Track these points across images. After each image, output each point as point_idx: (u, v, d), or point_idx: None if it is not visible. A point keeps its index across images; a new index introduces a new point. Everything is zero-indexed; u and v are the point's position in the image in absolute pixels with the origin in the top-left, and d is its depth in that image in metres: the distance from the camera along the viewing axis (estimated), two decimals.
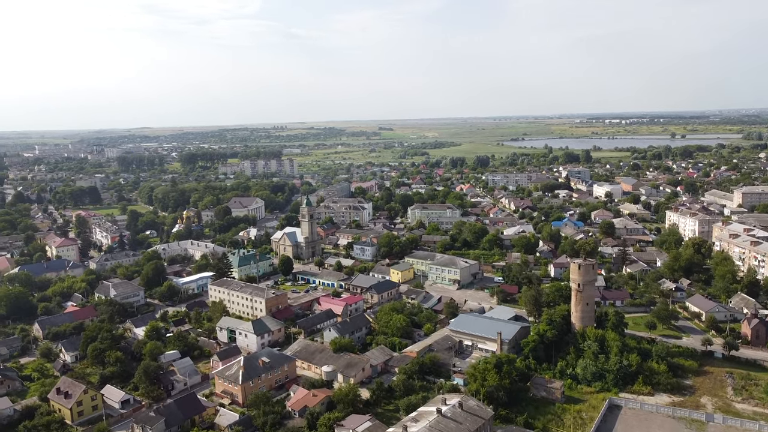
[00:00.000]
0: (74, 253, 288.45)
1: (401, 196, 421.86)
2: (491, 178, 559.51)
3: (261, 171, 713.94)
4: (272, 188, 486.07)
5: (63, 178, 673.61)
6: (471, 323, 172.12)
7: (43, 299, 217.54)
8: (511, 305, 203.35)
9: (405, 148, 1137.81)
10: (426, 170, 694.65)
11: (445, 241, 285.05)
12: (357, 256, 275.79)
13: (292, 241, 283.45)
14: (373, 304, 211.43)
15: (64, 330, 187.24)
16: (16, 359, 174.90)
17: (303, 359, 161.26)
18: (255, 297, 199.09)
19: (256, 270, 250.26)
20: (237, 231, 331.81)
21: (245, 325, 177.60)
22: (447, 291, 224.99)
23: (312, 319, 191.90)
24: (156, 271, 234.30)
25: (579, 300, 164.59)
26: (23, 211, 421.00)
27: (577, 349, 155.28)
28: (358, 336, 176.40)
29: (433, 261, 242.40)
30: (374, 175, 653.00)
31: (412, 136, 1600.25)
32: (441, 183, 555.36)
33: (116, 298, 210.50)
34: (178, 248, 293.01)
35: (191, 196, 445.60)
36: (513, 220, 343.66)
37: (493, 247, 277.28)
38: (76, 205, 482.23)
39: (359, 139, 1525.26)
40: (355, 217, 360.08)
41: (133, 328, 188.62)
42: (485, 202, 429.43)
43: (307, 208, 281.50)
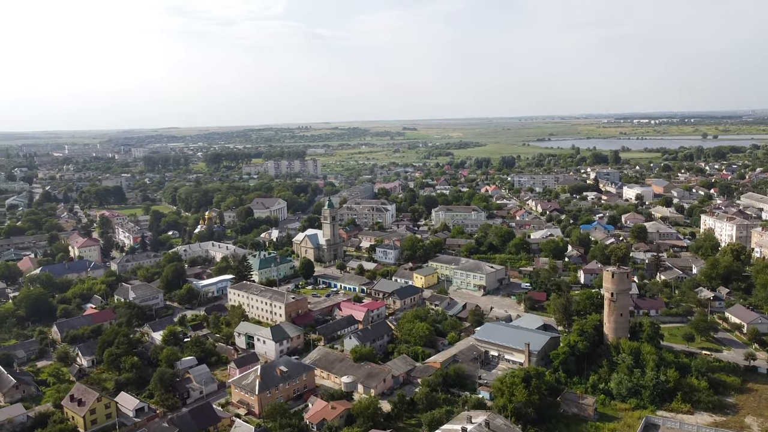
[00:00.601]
0: (96, 253, 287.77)
1: (425, 197, 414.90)
2: (517, 179, 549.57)
3: (284, 171, 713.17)
4: (295, 189, 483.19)
5: (90, 178, 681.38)
6: (497, 332, 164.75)
7: (63, 301, 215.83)
8: (539, 313, 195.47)
9: (429, 148, 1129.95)
10: (450, 171, 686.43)
11: (470, 244, 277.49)
12: (379, 259, 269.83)
13: (313, 243, 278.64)
14: (396, 310, 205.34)
15: (82, 333, 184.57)
16: (33, 362, 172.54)
17: (322, 368, 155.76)
18: (274, 302, 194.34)
19: (277, 273, 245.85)
20: (259, 232, 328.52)
21: (264, 331, 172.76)
22: (472, 297, 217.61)
23: (332, 325, 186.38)
24: (176, 273, 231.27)
25: (612, 310, 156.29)
26: (49, 211, 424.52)
27: (611, 362, 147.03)
28: (380, 344, 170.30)
29: (458, 266, 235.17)
30: (398, 176, 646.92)
31: (437, 136, 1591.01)
32: (466, 184, 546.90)
33: (135, 301, 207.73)
34: (200, 249, 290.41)
35: (214, 196, 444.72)
36: (540, 223, 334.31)
37: (520, 251, 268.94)
38: (102, 204, 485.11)
39: (383, 139, 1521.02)
40: (378, 219, 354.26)
41: (151, 332, 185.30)
42: (511, 204, 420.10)
43: (329, 210, 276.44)
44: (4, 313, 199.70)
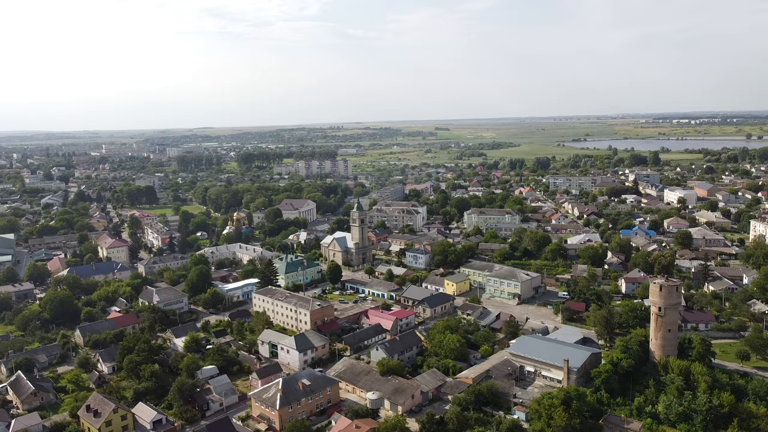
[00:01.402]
0: (124, 254, 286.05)
1: (457, 199, 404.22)
2: (552, 181, 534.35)
3: (315, 171, 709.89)
4: (325, 190, 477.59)
5: (124, 177, 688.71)
6: (534, 346, 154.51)
7: (88, 303, 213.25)
8: (577, 325, 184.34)
9: (462, 148, 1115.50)
10: (483, 172, 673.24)
11: (504, 249, 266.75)
12: (409, 264, 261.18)
13: (342, 246, 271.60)
14: (426, 319, 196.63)
15: (104, 338, 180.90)
16: (54, 368, 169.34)
17: (347, 381, 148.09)
18: (300, 308, 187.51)
19: (303, 277, 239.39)
20: (287, 234, 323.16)
21: (288, 340, 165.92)
22: (506, 306, 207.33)
23: (359, 334, 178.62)
24: (201, 276, 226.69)
25: (660, 326, 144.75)
26: (81, 210, 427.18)
27: (658, 382, 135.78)
28: (408, 356, 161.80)
29: (491, 272, 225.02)
30: (429, 177, 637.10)
31: (469, 136, 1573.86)
32: (499, 186, 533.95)
33: (159, 305, 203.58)
34: (227, 252, 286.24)
35: (244, 196, 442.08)
36: (577, 228, 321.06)
37: (557, 257, 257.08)
38: (133, 204, 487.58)
39: (415, 139, 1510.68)
40: (408, 222, 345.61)
41: (173, 338, 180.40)
42: (546, 207, 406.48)
43: (357, 212, 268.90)
44: (29, 316, 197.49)
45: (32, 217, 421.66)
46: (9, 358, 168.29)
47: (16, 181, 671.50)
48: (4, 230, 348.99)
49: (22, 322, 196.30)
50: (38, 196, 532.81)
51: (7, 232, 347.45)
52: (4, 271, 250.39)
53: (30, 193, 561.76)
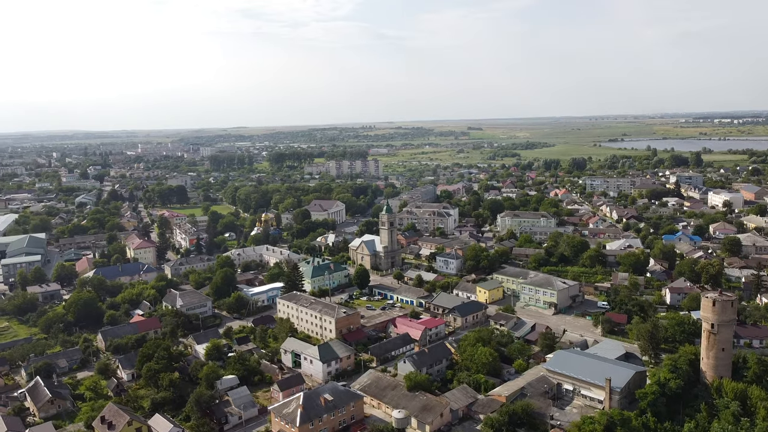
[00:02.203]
0: (151, 255, 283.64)
1: (490, 201, 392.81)
2: (589, 182, 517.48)
3: (346, 171, 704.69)
4: (354, 190, 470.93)
5: (158, 177, 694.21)
6: (572, 362, 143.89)
7: (112, 306, 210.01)
8: (619, 338, 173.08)
9: (495, 148, 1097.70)
10: (517, 173, 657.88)
11: (539, 255, 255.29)
12: (440, 269, 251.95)
13: (370, 250, 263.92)
14: (456, 329, 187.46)
15: (125, 342, 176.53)
16: (74, 373, 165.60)
17: (372, 395, 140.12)
18: (325, 316, 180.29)
19: (330, 282, 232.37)
20: (315, 236, 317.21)
21: (311, 349, 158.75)
22: (542, 316, 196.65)
23: (386, 344, 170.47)
24: (226, 279, 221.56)
25: (713, 344, 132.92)
26: (112, 210, 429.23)
27: (710, 406, 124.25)
28: (437, 369, 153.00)
29: (526, 280, 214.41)
30: (461, 178, 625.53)
31: (502, 136, 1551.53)
32: (533, 187, 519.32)
33: (182, 309, 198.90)
34: (253, 254, 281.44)
35: (273, 197, 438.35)
36: (616, 232, 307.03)
37: (595, 264, 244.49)
38: (164, 204, 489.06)
39: (447, 139, 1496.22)
40: (439, 225, 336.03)
41: (195, 344, 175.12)
42: (583, 210, 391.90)
43: (387, 215, 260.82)
44: (53, 318, 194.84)
45: (65, 216, 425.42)
46: (29, 362, 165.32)
47: (54, 179, 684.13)
48: (37, 229, 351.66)
49: (45, 324, 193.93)
50: (73, 195, 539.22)
51: (40, 231, 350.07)
52: (33, 272, 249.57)
53: (66, 192, 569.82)
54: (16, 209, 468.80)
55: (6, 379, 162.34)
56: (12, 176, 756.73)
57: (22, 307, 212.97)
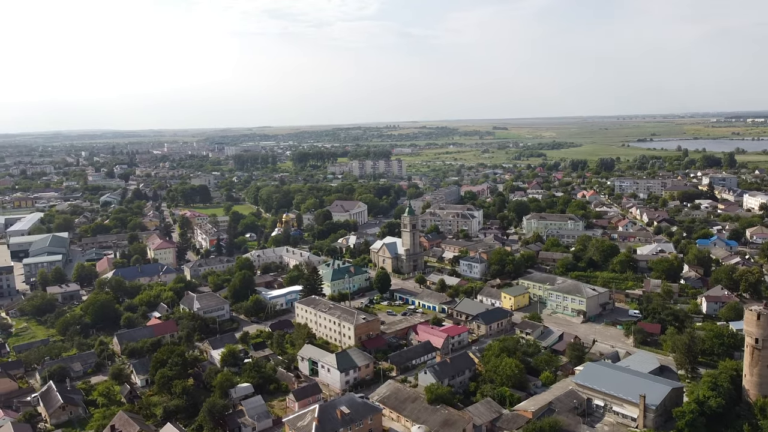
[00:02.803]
0: (171, 256, 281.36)
1: (516, 203, 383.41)
2: (618, 183, 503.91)
3: (369, 171, 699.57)
4: (377, 191, 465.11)
5: (182, 176, 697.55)
6: (603, 376, 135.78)
7: (130, 308, 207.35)
8: (652, 350, 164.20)
9: (520, 148, 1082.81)
10: (543, 173, 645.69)
11: (566, 259, 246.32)
12: (463, 273, 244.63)
13: (391, 252, 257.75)
14: (480, 337, 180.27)
15: (141, 346, 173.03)
16: (89, 377, 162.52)
17: (391, 408, 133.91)
18: (343, 322, 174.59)
19: (350, 285, 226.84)
20: (336, 237, 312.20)
21: (329, 357, 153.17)
22: (570, 324, 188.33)
23: (407, 352, 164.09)
24: (244, 282, 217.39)
25: (756, 360, 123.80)
26: (135, 209, 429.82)
27: (754, 427, 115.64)
28: (460, 381, 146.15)
29: (554, 286, 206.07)
30: (486, 178, 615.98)
31: (528, 135, 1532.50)
32: (560, 188, 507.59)
33: (199, 312, 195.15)
34: (273, 255, 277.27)
35: (294, 197, 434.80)
36: (647, 236, 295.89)
37: (626, 269, 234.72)
38: (187, 203, 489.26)
39: (472, 138, 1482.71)
40: (463, 227, 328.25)
41: (210, 350, 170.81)
42: (612, 212, 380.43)
43: (409, 217, 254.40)
44: (69, 320, 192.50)
45: (89, 215, 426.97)
46: (44, 365, 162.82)
47: (80, 178, 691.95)
48: (60, 228, 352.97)
49: (63, 326, 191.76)
50: (98, 194, 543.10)
51: (63, 230, 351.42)
52: (53, 272, 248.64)
53: (91, 191, 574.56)
54: (42, 208, 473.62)
55: (20, 382, 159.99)
56: (41, 175, 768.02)
57: (40, 307, 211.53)
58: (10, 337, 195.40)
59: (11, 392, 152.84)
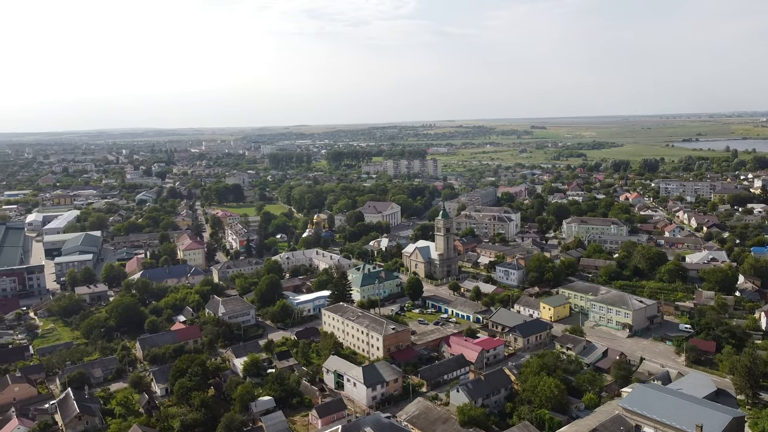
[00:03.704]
0: (200, 257, 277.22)
1: (555, 205, 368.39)
2: (663, 185, 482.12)
3: (403, 171, 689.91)
4: (411, 191, 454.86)
5: (217, 174, 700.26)
6: (654, 401, 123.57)
7: (155, 311, 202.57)
8: (707, 370, 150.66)
9: (559, 148, 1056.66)
10: (583, 174, 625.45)
11: (610, 267, 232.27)
12: (500, 279, 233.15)
13: (424, 257, 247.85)
14: (516, 350, 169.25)
15: (163, 353, 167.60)
16: (109, 383, 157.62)
17: (420, 429, 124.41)
18: (372, 332, 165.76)
19: (381, 291, 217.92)
20: (368, 240, 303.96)
21: (355, 371, 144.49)
22: (614, 339, 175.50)
23: (438, 366, 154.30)
24: (271, 286, 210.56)
25: None
26: (169, 208, 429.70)
27: None
28: (495, 400, 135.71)
29: (597, 297, 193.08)
30: (524, 179, 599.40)
31: (567, 135, 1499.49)
32: (601, 190, 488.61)
33: (224, 317, 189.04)
34: (303, 257, 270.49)
35: (327, 197, 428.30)
36: (697, 242, 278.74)
37: (675, 279, 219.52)
38: (221, 202, 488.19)
39: (509, 138, 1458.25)
40: (499, 230, 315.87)
41: (233, 358, 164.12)
42: (658, 216, 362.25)
43: (443, 220, 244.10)
44: (94, 323, 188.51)
45: (125, 213, 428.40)
46: (65, 370, 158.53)
47: (119, 176, 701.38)
48: (94, 227, 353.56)
49: (87, 328, 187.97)
50: (135, 192, 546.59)
51: (97, 228, 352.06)
52: (83, 272, 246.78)
53: (128, 189, 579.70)
54: (80, 205, 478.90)
55: (41, 387, 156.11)
56: (82, 172, 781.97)
57: (67, 308, 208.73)
58: (36, 339, 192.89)
59: (30, 398, 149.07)
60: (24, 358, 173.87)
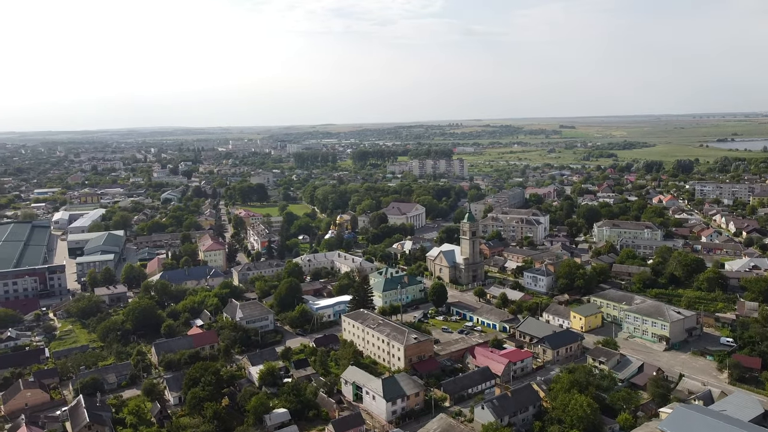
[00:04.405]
0: (221, 258, 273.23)
1: (585, 208, 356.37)
2: (698, 187, 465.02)
3: (429, 171, 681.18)
4: (436, 192, 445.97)
5: (242, 173, 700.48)
6: (696, 424, 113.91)
7: (172, 314, 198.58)
8: (752, 389, 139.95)
9: (589, 148, 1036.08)
10: (614, 175, 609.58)
11: (644, 274, 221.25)
12: (528, 286, 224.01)
13: (449, 261, 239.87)
14: (545, 362, 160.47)
15: (178, 359, 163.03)
16: (122, 390, 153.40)
17: None
18: (393, 341, 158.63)
19: (404, 296, 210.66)
20: (391, 242, 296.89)
21: (374, 383, 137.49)
22: (650, 352, 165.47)
23: (462, 379, 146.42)
24: (291, 290, 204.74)
25: None
26: (193, 207, 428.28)
27: None
28: (523, 418, 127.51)
29: (631, 307, 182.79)
30: (553, 180, 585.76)
31: (597, 135, 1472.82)
32: (633, 192, 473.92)
33: (242, 322, 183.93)
34: (325, 260, 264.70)
35: (351, 197, 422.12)
36: (736, 248, 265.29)
37: (714, 288, 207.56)
38: (245, 202, 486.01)
39: (537, 137, 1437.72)
40: (527, 233, 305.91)
41: (249, 366, 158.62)
42: (693, 220, 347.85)
43: (468, 223, 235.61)
44: (110, 326, 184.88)
45: (149, 212, 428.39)
46: (78, 375, 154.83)
47: (146, 175, 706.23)
48: (117, 226, 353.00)
49: (104, 331, 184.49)
50: (161, 191, 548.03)
51: (120, 227, 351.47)
52: (103, 272, 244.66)
53: (154, 188, 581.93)
54: (106, 204, 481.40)
55: (54, 393, 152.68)
56: (110, 171, 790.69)
57: (85, 310, 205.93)
58: (53, 341, 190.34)
59: (43, 404, 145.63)
60: (39, 361, 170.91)
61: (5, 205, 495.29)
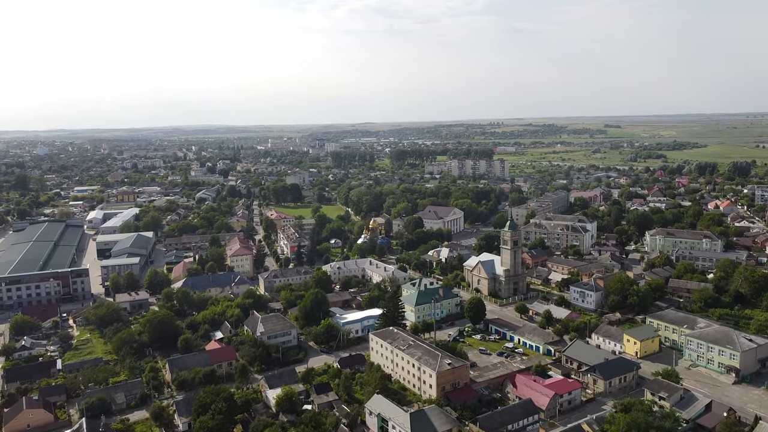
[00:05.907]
0: (248, 263, 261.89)
1: (635, 214, 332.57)
2: (759, 192, 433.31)
3: (468, 172, 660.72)
4: (475, 195, 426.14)
5: (279, 172, 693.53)
6: None
7: (191, 326, 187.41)
8: None
9: (636, 149, 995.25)
10: (664, 178, 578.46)
11: (706, 291, 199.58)
12: (574, 302, 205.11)
13: (488, 272, 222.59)
14: (596, 395, 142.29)
15: (193, 377, 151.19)
16: (131, 411, 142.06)
17: None
18: (424, 366, 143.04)
19: (438, 311, 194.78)
20: (426, 249, 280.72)
21: (402, 418, 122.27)
22: (717, 385, 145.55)
23: (501, 414, 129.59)
24: (316, 303, 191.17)
25: None
26: (225, 208, 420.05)
27: None
28: None
29: (694, 332, 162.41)
30: (599, 182, 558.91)
31: (644, 134, 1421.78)
32: (686, 196, 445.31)
33: (263, 337, 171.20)
34: (355, 267, 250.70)
35: (386, 199, 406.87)
36: None
37: None
38: (279, 202, 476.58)
39: (581, 137, 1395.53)
40: (573, 242, 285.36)
41: (267, 389, 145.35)
42: (756, 229, 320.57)
43: (510, 232, 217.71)
44: (125, 338, 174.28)
45: (183, 212, 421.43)
46: (85, 394, 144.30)
47: (184, 173, 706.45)
48: (148, 227, 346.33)
49: (118, 344, 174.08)
50: (197, 190, 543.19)
51: (151, 228, 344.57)
52: (126, 277, 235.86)
53: (191, 186, 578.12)
54: (141, 203, 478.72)
55: (59, 412, 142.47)
56: (150, 169, 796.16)
57: (104, 317, 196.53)
58: (68, 351, 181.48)
59: (46, 425, 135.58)
60: (50, 375, 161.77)
61: (44, 203, 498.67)
